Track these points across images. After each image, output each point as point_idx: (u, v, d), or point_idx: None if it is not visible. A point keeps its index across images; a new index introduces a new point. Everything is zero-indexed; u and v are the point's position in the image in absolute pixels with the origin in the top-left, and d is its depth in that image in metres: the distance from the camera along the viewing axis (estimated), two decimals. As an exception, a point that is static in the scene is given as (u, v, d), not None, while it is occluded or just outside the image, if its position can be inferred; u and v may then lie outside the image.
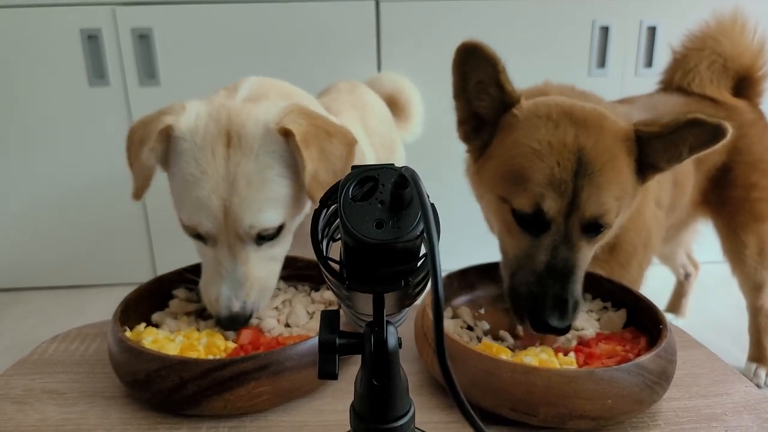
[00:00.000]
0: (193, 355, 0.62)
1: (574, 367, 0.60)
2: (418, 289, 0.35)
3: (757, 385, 0.64)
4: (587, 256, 0.71)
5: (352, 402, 0.38)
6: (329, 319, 0.36)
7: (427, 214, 0.28)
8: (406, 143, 1.61)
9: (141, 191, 0.76)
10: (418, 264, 0.33)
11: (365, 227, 0.30)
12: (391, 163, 0.32)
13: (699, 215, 1.21)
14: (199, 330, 0.70)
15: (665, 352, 0.58)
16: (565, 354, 0.64)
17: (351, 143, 0.79)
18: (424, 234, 0.28)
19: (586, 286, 0.73)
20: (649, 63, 1.89)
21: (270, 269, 0.76)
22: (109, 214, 1.96)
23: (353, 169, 0.32)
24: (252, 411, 0.60)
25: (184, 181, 0.73)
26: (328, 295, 0.77)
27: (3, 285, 2.03)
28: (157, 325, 0.71)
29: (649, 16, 1.85)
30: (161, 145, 0.74)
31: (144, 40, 1.79)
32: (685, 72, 1.15)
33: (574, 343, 0.67)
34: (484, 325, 0.72)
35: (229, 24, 1.79)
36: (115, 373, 0.62)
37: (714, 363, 0.69)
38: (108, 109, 1.85)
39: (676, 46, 1.21)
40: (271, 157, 0.73)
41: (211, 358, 0.61)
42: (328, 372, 0.35)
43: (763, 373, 1.38)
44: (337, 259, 0.34)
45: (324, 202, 0.34)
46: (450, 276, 0.75)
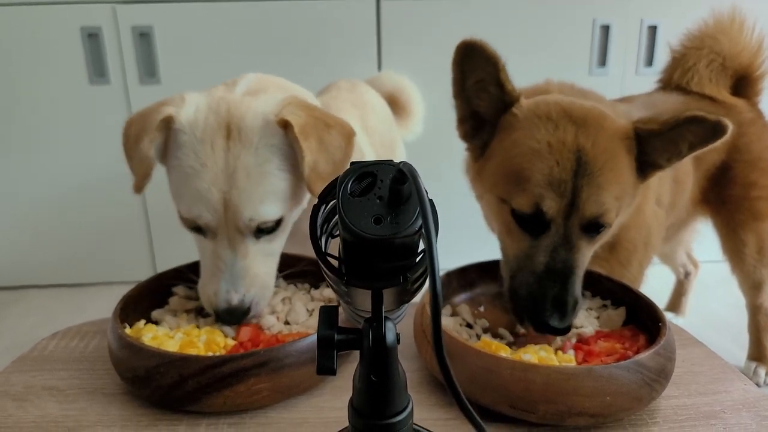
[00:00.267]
0: (192, 352, 0.62)
1: (573, 364, 0.60)
2: (416, 285, 0.35)
3: (756, 384, 0.64)
4: (587, 255, 0.71)
5: (351, 398, 0.38)
6: (328, 314, 0.36)
7: (425, 210, 0.28)
8: (406, 142, 1.61)
9: (141, 183, 0.75)
10: (417, 260, 0.33)
11: (363, 223, 0.30)
12: (390, 159, 0.32)
13: (698, 214, 1.20)
14: (198, 327, 0.70)
15: (664, 349, 0.58)
16: (564, 350, 0.64)
17: (350, 134, 0.78)
18: (423, 229, 0.28)
19: (586, 284, 0.73)
20: (649, 62, 1.89)
21: (268, 266, 0.76)
22: (110, 212, 1.96)
23: (352, 164, 0.32)
24: (251, 408, 0.60)
25: (183, 173, 0.72)
26: (327, 292, 0.77)
27: (3, 283, 2.04)
28: (156, 322, 0.71)
29: (650, 15, 1.84)
30: (161, 135, 0.74)
31: (144, 38, 1.79)
32: (684, 71, 1.15)
33: (574, 340, 0.67)
34: (484, 323, 0.72)
35: (230, 22, 1.79)
36: (114, 369, 0.63)
37: (713, 361, 0.69)
38: (108, 108, 1.85)
39: (674, 45, 1.21)
40: (270, 150, 0.73)
41: (210, 354, 0.61)
42: (327, 367, 0.35)
43: (762, 371, 1.38)
44: (336, 255, 0.34)
45: (323, 199, 0.34)
46: (449, 274, 0.75)
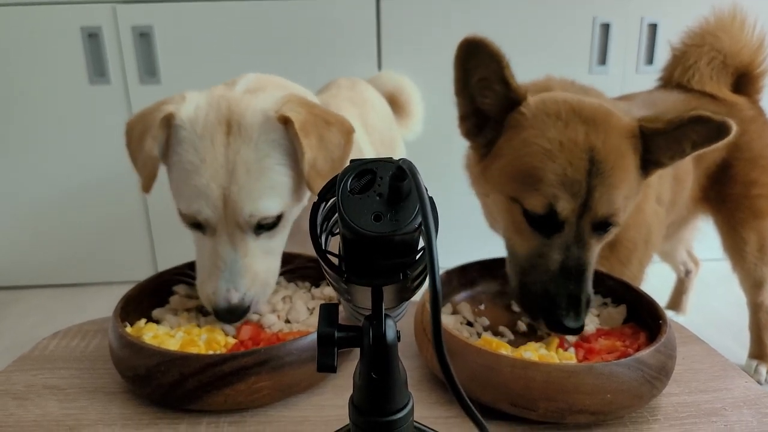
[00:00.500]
0: (193, 350, 0.62)
1: (573, 362, 0.60)
2: (416, 282, 0.35)
3: (758, 382, 0.64)
4: (596, 254, 0.71)
5: (351, 395, 0.38)
6: (328, 312, 0.36)
7: (424, 207, 0.28)
8: (406, 141, 1.61)
9: (149, 182, 0.75)
10: (417, 257, 0.33)
11: (363, 220, 0.30)
12: (389, 157, 0.32)
13: (699, 212, 1.20)
14: (199, 326, 0.70)
15: (665, 347, 0.58)
16: (564, 348, 0.64)
17: (349, 132, 0.78)
18: (422, 226, 0.28)
19: (586, 281, 0.73)
20: (650, 60, 1.89)
21: (269, 264, 0.76)
22: (110, 212, 1.96)
23: (352, 162, 0.32)
24: (252, 406, 0.60)
25: (183, 169, 0.72)
26: (328, 291, 0.77)
27: (4, 283, 2.04)
28: (157, 321, 0.71)
29: (650, 13, 1.84)
30: (163, 133, 0.74)
31: (144, 38, 1.79)
32: (684, 69, 1.15)
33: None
34: (484, 321, 0.72)
35: (230, 22, 1.79)
36: (115, 368, 0.63)
37: (714, 358, 0.69)
38: (109, 107, 1.85)
39: (675, 43, 1.21)
40: (270, 145, 0.73)
41: (211, 353, 0.61)
42: (327, 365, 0.35)
43: (764, 370, 1.38)
44: (336, 253, 0.34)
45: (322, 196, 0.34)
46: (450, 272, 0.75)
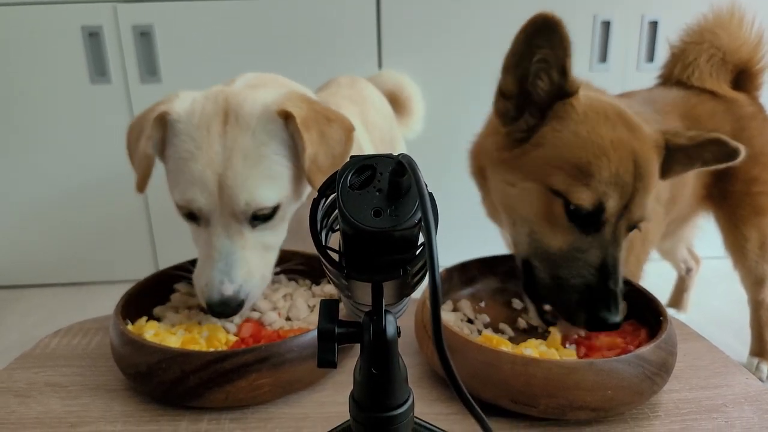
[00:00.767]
0: (194, 348, 0.62)
1: (574, 358, 0.60)
2: (416, 278, 0.35)
3: (759, 380, 0.64)
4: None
5: (352, 391, 0.38)
6: (328, 308, 0.36)
7: (424, 202, 0.28)
8: (407, 140, 1.61)
9: (142, 182, 0.75)
10: (417, 252, 0.33)
11: (363, 215, 0.30)
12: (389, 153, 0.32)
13: (700, 209, 1.20)
14: (200, 323, 0.70)
15: (665, 343, 0.58)
16: (565, 344, 0.64)
17: (350, 129, 0.79)
18: (422, 221, 0.28)
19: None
20: (650, 58, 1.89)
21: (266, 260, 0.76)
22: (111, 211, 1.97)
23: (351, 158, 0.32)
24: (253, 403, 0.60)
25: (179, 158, 0.72)
26: (329, 288, 0.77)
27: (5, 282, 2.04)
28: (158, 318, 0.71)
29: (651, 10, 1.84)
30: (158, 132, 0.74)
31: (145, 37, 1.79)
32: (684, 66, 1.15)
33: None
34: (485, 318, 0.72)
35: (230, 21, 1.79)
36: (117, 366, 0.63)
37: (715, 355, 0.69)
38: (109, 107, 1.85)
39: (674, 41, 1.21)
40: (268, 134, 0.72)
41: (212, 350, 0.61)
42: (327, 361, 0.35)
43: (765, 367, 1.38)
44: (337, 249, 0.34)
45: (322, 192, 0.34)
46: (450, 270, 0.75)
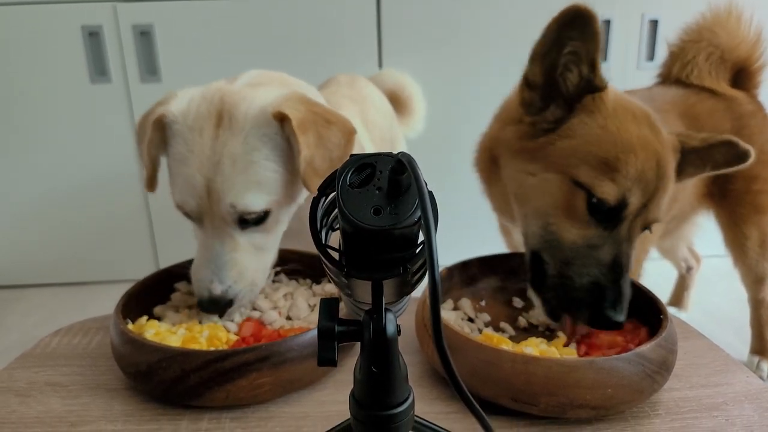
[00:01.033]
0: (195, 347, 0.62)
1: (574, 356, 0.60)
2: (416, 276, 0.35)
3: (760, 378, 0.64)
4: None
5: (352, 389, 0.38)
6: (328, 306, 0.36)
7: (424, 200, 0.28)
8: (407, 139, 1.61)
9: (149, 180, 0.78)
10: (417, 251, 0.33)
11: (363, 213, 0.30)
12: (389, 151, 0.32)
13: (700, 208, 1.20)
14: (201, 323, 0.70)
15: (666, 341, 0.58)
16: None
17: (350, 132, 0.78)
18: (422, 219, 0.28)
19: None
20: (651, 56, 1.88)
21: (259, 261, 0.75)
22: (112, 210, 1.97)
23: (351, 156, 0.32)
24: (253, 402, 0.60)
25: (174, 161, 0.74)
26: (329, 288, 0.77)
27: (5, 282, 2.04)
28: (159, 318, 0.71)
29: (651, 9, 1.84)
30: (158, 135, 0.75)
31: (145, 36, 1.79)
32: (683, 64, 1.15)
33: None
34: (485, 317, 0.72)
35: (230, 20, 1.79)
36: (117, 365, 0.63)
37: (715, 353, 0.69)
38: (109, 106, 1.85)
39: (672, 39, 1.21)
40: (260, 139, 0.72)
41: (212, 349, 0.61)
42: (328, 359, 0.35)
43: (765, 365, 1.38)
44: (337, 247, 0.34)
45: (322, 191, 0.34)
46: (451, 269, 0.75)
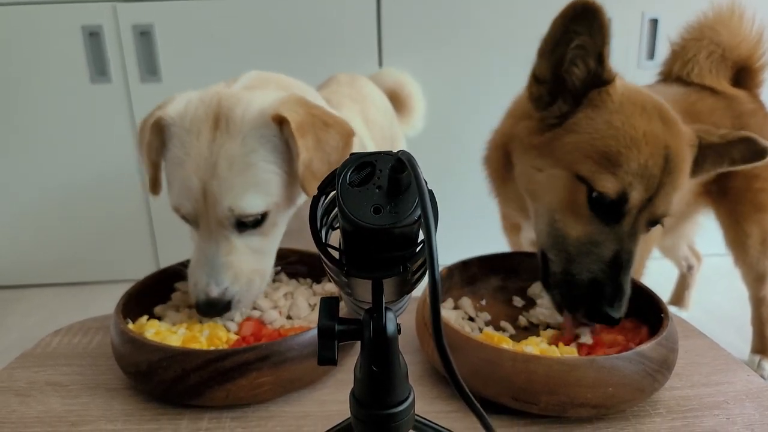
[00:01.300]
0: (195, 346, 0.62)
1: (575, 355, 0.60)
2: (417, 275, 0.35)
3: (761, 377, 0.64)
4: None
5: (352, 388, 0.38)
6: (328, 305, 0.36)
7: (424, 199, 0.28)
8: (407, 138, 1.61)
9: (152, 183, 0.78)
10: (417, 250, 0.33)
11: (363, 212, 0.30)
12: (389, 150, 0.32)
13: (701, 206, 1.20)
14: (201, 322, 0.70)
15: (666, 340, 0.58)
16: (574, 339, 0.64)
17: (348, 134, 0.78)
18: (422, 219, 0.28)
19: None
20: (651, 55, 1.88)
21: (258, 263, 0.75)
22: (112, 210, 1.97)
23: (351, 155, 0.32)
24: (254, 401, 0.60)
25: (171, 164, 0.74)
26: (329, 287, 0.77)
27: (6, 282, 2.04)
28: (159, 317, 0.71)
29: (651, 8, 1.84)
30: (156, 138, 0.75)
31: (145, 36, 1.79)
32: (684, 62, 1.15)
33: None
34: (486, 316, 0.72)
35: (231, 20, 1.78)
36: (117, 364, 0.63)
37: (716, 352, 0.69)
38: (110, 106, 1.85)
39: (674, 38, 1.21)
40: (258, 141, 0.72)
41: (213, 349, 0.61)
42: (328, 358, 0.35)
43: (766, 364, 1.38)
44: (337, 246, 0.34)
45: (322, 190, 0.34)
46: (451, 268, 0.75)
